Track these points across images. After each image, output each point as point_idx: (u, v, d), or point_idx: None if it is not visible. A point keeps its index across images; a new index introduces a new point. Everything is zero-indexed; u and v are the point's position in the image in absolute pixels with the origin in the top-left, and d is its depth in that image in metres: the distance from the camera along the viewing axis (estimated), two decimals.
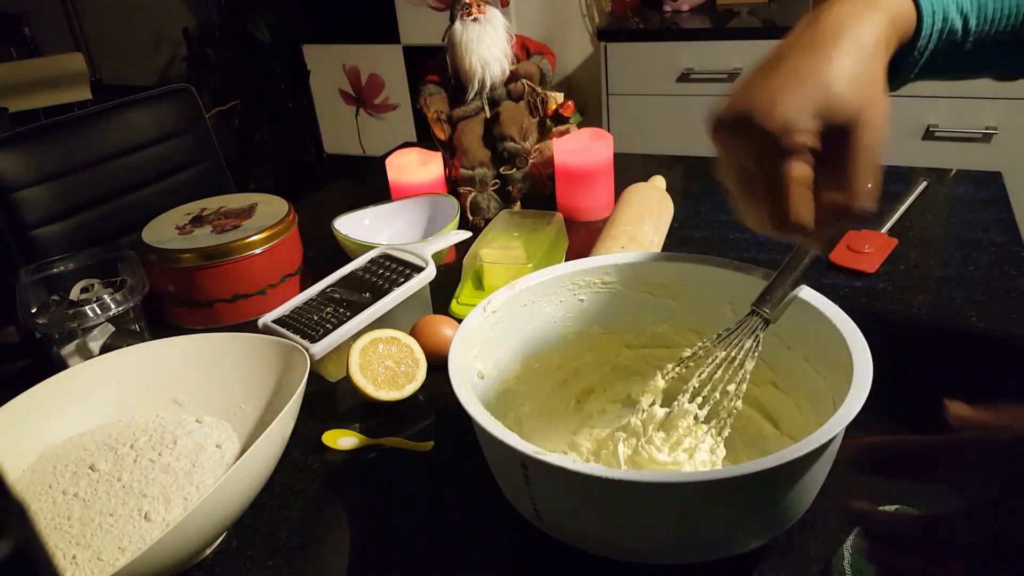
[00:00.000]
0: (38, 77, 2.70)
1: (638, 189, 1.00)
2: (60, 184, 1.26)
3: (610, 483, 0.45)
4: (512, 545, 0.58)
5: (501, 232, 0.96)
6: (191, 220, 0.95)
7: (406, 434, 0.70)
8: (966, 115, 1.80)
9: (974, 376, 0.70)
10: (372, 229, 1.02)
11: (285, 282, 0.94)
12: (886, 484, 0.38)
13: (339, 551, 0.59)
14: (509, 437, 0.48)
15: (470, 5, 1.06)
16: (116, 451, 0.62)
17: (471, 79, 1.08)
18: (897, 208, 1.00)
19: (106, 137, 1.33)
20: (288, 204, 0.97)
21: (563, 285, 0.67)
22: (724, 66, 1.97)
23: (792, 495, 0.50)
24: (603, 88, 2.11)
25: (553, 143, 1.08)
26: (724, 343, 0.58)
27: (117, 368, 0.69)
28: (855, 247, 0.90)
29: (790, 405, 0.62)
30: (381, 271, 0.83)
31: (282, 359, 0.67)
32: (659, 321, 0.69)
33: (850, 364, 0.51)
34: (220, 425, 0.66)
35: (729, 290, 0.64)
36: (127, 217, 1.32)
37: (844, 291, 0.85)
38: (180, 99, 1.44)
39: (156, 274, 0.89)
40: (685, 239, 1.00)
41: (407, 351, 0.74)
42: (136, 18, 3.20)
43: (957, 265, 0.88)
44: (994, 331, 0.76)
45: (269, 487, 0.65)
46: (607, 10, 2.40)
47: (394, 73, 2.44)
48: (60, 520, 0.56)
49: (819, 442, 0.45)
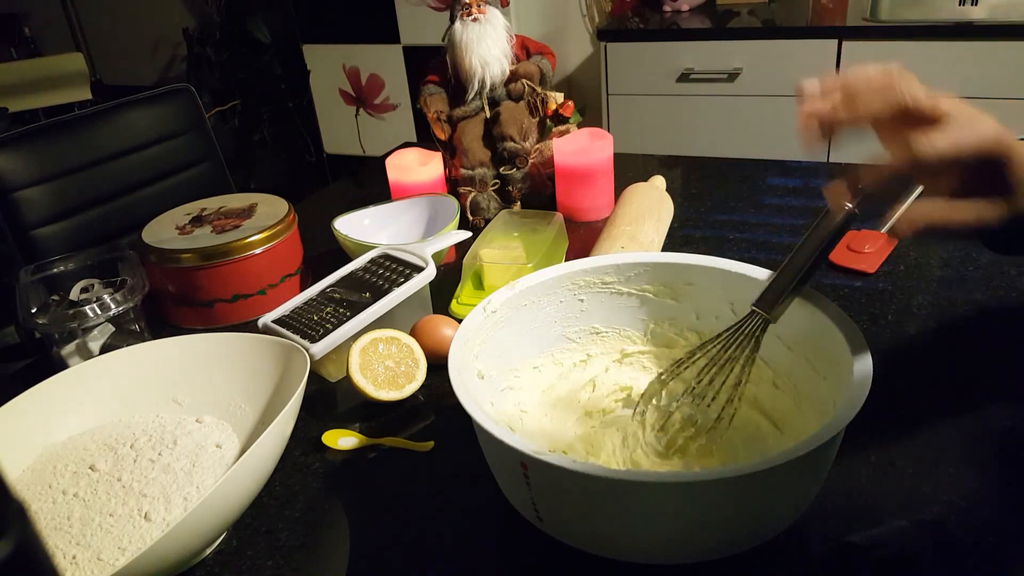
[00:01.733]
0: (38, 77, 2.70)
1: (638, 189, 1.00)
2: (60, 184, 1.26)
3: (610, 483, 0.45)
4: (512, 545, 0.58)
5: (501, 232, 0.96)
6: (191, 220, 0.95)
7: (406, 434, 0.70)
8: None
9: (974, 376, 0.70)
10: (372, 229, 1.02)
11: (285, 282, 0.94)
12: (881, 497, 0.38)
13: (339, 551, 0.59)
14: (509, 437, 0.48)
15: (470, 5, 1.06)
16: (116, 451, 0.62)
17: (471, 79, 1.08)
18: (897, 208, 1.00)
19: (106, 137, 1.33)
20: (288, 204, 0.97)
21: (563, 285, 0.67)
22: (724, 66, 1.97)
23: (792, 495, 0.50)
24: (603, 88, 2.11)
25: (553, 143, 1.08)
26: (724, 343, 0.58)
27: (117, 368, 0.69)
28: (855, 247, 0.90)
29: (790, 405, 0.62)
30: (381, 271, 0.83)
31: (282, 359, 0.67)
32: (659, 321, 0.69)
33: (850, 364, 0.51)
34: (220, 425, 0.66)
35: (729, 290, 0.64)
36: (127, 217, 1.32)
37: (844, 291, 0.85)
38: (180, 99, 1.44)
39: (156, 274, 0.89)
40: (685, 239, 1.00)
41: (407, 351, 0.74)
42: (136, 18, 3.20)
43: (957, 265, 0.88)
44: (994, 331, 0.76)
45: (269, 487, 0.65)
46: (607, 10, 2.40)
47: (394, 73, 2.44)
48: (60, 520, 0.56)
49: (819, 442, 0.45)
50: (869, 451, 0.62)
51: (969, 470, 0.60)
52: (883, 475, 0.60)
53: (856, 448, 0.62)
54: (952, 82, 1.79)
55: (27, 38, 3.36)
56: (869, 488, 0.59)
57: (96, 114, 1.34)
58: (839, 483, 0.59)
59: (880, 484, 0.59)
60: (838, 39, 1.84)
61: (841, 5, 2.05)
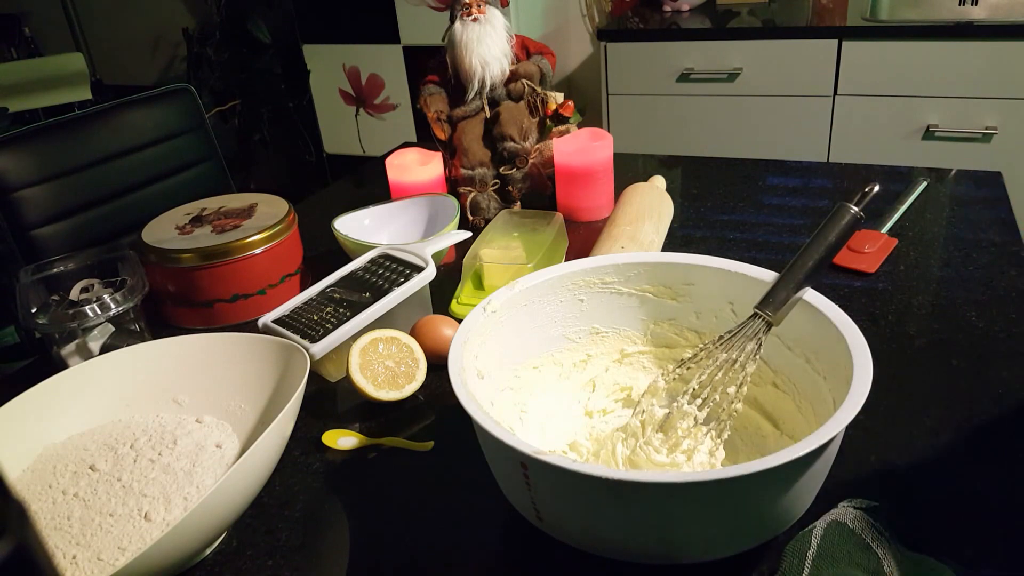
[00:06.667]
0: (38, 77, 2.70)
1: (638, 189, 1.00)
2: (60, 184, 1.26)
3: (610, 483, 0.45)
4: (512, 545, 0.58)
5: (501, 232, 0.96)
6: (191, 220, 0.95)
7: (406, 434, 0.70)
8: (966, 115, 1.80)
9: (974, 376, 0.70)
10: (372, 229, 1.02)
11: (285, 282, 0.94)
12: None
13: (339, 551, 0.59)
14: (509, 437, 0.48)
15: (470, 5, 1.06)
16: (116, 451, 0.62)
17: (471, 79, 1.08)
18: (897, 208, 1.00)
19: (106, 137, 1.33)
20: (288, 204, 0.97)
21: (563, 285, 0.67)
22: (724, 66, 1.97)
23: (792, 495, 0.50)
24: (603, 88, 2.11)
25: (553, 143, 1.08)
26: (726, 345, 0.58)
27: (117, 368, 0.69)
28: (855, 247, 0.90)
29: (790, 405, 0.62)
30: (381, 271, 0.83)
31: (282, 359, 0.67)
32: (659, 321, 0.69)
33: (850, 364, 0.51)
34: (220, 425, 0.66)
35: (729, 290, 0.64)
36: (127, 217, 1.32)
37: (844, 291, 0.85)
38: (180, 99, 1.44)
39: (156, 274, 0.89)
40: (685, 239, 1.00)
41: (407, 351, 0.74)
42: (136, 18, 3.19)
43: (957, 265, 0.88)
44: (994, 331, 0.76)
45: (269, 487, 0.65)
46: (607, 10, 2.40)
47: (394, 73, 2.44)
48: (60, 520, 0.56)
49: (819, 442, 0.45)
50: (869, 451, 0.63)
51: (969, 470, 0.60)
52: (883, 475, 0.60)
53: (856, 448, 0.63)
54: (952, 82, 1.79)
55: (27, 38, 3.35)
56: (869, 488, 0.59)
57: (96, 114, 1.33)
58: (839, 483, 0.59)
59: (880, 484, 0.59)
60: (838, 39, 1.84)
61: (841, 5, 2.05)
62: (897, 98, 1.85)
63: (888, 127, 1.88)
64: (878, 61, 1.83)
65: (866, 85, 1.86)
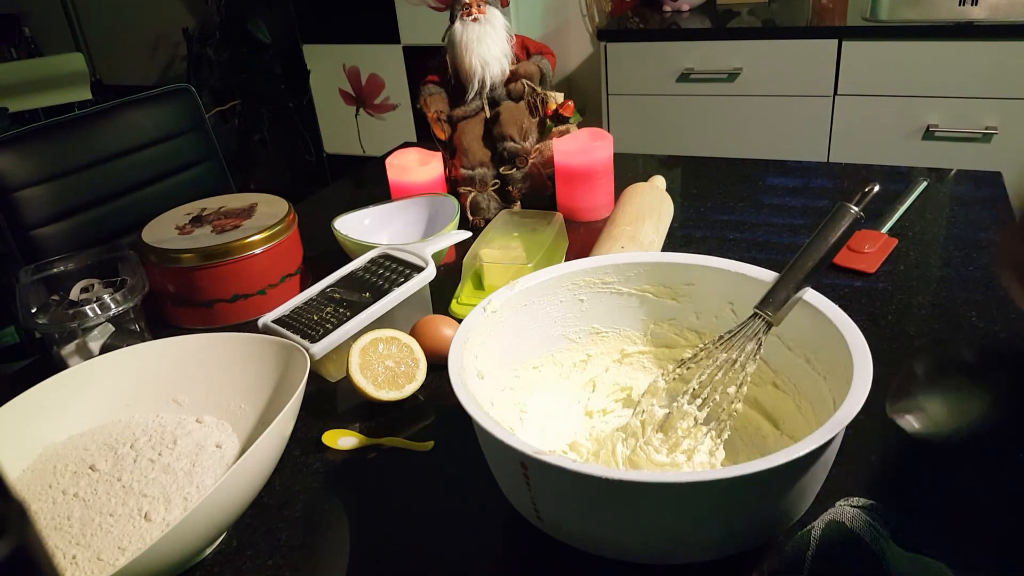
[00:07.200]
0: (38, 77, 2.70)
1: (638, 189, 1.00)
2: (60, 184, 1.26)
3: (610, 483, 0.45)
4: (512, 545, 0.58)
5: (501, 232, 0.96)
6: (191, 220, 0.95)
7: (406, 434, 0.70)
8: (966, 115, 1.80)
9: (974, 377, 0.70)
10: (372, 229, 1.02)
11: (285, 282, 0.94)
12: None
13: (339, 551, 0.59)
14: (509, 437, 0.48)
15: (470, 5, 1.06)
16: (116, 451, 0.62)
17: (471, 79, 1.08)
18: (897, 208, 1.00)
19: (106, 137, 1.33)
20: (288, 204, 0.97)
21: (563, 285, 0.67)
22: (724, 66, 1.97)
23: (792, 495, 0.50)
24: (603, 88, 2.11)
25: (553, 143, 1.08)
26: (726, 345, 0.58)
27: (117, 368, 0.69)
28: (855, 247, 0.90)
29: (790, 405, 0.62)
30: (381, 271, 0.83)
31: (282, 359, 0.67)
32: (659, 321, 0.69)
33: (850, 364, 0.51)
34: (220, 425, 0.66)
35: (729, 290, 0.64)
36: (127, 217, 1.32)
37: (844, 291, 0.85)
38: (180, 99, 1.44)
39: (156, 274, 0.89)
40: (685, 239, 1.00)
41: (407, 351, 0.74)
42: (136, 18, 3.19)
43: (957, 265, 0.88)
44: (994, 331, 0.76)
45: (269, 487, 0.65)
46: (607, 10, 2.40)
47: (394, 73, 2.44)
48: (60, 520, 0.56)
49: (819, 442, 0.45)
50: (869, 451, 0.63)
51: (969, 470, 0.60)
52: (883, 475, 0.60)
53: (856, 448, 0.63)
54: (952, 82, 1.79)
55: (27, 38, 3.35)
56: (869, 488, 0.59)
57: (96, 114, 1.33)
58: (839, 483, 0.59)
59: (880, 483, 0.59)
60: (838, 39, 1.84)
61: (841, 5, 2.05)
62: (897, 98, 1.85)
63: (888, 127, 1.88)
64: (878, 61, 1.83)
65: (866, 85, 1.86)
